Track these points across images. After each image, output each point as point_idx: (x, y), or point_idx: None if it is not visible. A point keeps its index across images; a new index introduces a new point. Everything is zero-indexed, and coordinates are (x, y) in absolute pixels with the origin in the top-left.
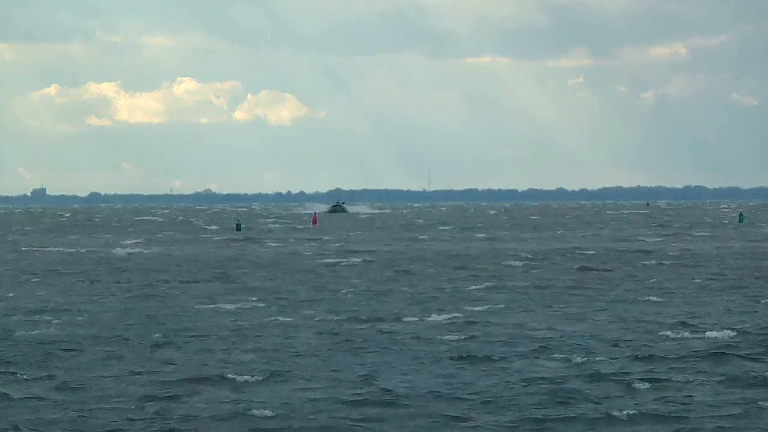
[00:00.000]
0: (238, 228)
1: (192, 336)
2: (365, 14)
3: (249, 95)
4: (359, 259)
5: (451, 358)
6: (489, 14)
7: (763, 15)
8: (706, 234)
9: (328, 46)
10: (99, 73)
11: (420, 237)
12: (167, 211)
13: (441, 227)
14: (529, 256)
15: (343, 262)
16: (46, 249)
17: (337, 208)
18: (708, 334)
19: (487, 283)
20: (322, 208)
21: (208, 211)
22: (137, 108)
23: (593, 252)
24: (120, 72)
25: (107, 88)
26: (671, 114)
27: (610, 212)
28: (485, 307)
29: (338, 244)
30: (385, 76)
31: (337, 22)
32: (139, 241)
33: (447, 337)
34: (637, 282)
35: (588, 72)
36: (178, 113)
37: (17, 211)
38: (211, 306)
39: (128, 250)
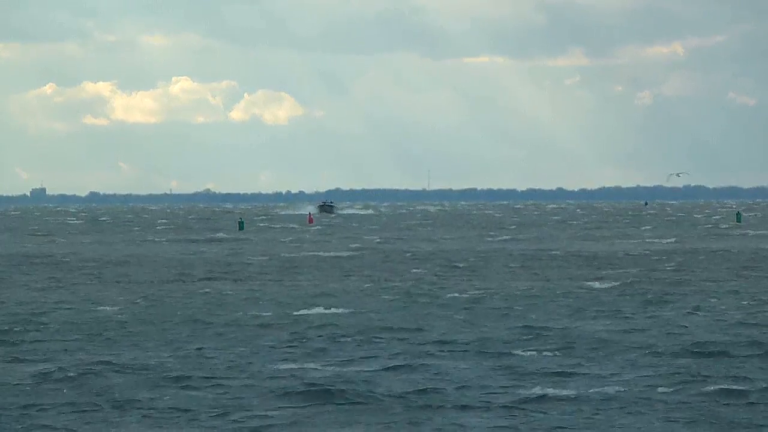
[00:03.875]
0: (241, 227)
1: None
2: (362, 14)
3: (245, 95)
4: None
5: None
6: (486, 14)
7: (760, 15)
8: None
9: (325, 45)
10: (95, 73)
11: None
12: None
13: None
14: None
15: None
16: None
17: (325, 208)
18: None
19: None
20: (310, 208)
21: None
22: (133, 107)
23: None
24: (116, 71)
25: (103, 88)
26: (668, 113)
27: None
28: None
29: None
30: (382, 75)
31: (333, 21)
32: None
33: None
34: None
35: (585, 71)
36: (174, 113)
37: (37, 213)
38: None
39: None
